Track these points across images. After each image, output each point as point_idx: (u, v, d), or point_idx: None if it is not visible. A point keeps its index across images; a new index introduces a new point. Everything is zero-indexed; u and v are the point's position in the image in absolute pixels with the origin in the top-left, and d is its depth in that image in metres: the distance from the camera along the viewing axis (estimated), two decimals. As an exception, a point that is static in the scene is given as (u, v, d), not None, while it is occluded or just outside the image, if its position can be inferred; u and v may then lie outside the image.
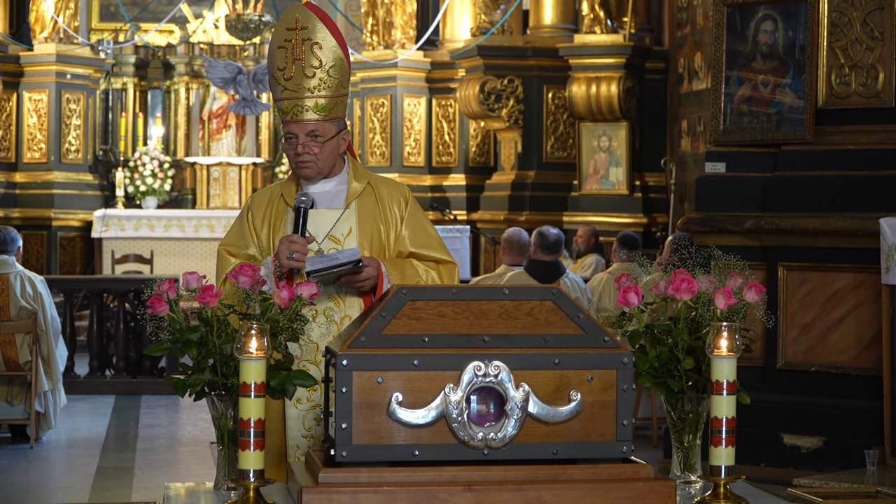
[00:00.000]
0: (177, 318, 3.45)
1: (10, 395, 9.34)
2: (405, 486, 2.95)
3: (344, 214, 4.20)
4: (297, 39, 4.13)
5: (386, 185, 4.32)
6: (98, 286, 12.29)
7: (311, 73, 4.12)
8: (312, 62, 4.12)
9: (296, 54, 4.12)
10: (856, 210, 7.80)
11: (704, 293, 3.57)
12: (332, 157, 4.19)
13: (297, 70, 4.12)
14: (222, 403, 3.45)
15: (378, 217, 4.23)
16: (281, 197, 4.25)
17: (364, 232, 4.20)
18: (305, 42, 4.12)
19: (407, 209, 4.27)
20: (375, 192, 4.26)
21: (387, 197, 4.26)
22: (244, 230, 4.25)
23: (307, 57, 4.12)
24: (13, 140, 16.62)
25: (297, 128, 4.14)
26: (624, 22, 15.40)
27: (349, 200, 4.22)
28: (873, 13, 7.90)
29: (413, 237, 4.26)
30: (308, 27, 4.12)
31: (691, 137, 14.57)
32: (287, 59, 4.13)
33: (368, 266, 4.05)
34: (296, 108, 4.13)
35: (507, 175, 16.19)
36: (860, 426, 7.60)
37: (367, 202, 4.24)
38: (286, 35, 4.14)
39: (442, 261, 4.27)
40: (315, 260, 3.97)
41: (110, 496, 7.56)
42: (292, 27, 4.14)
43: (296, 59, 4.12)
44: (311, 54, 4.12)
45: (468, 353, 3.03)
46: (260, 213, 4.25)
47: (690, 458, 3.59)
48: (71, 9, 16.53)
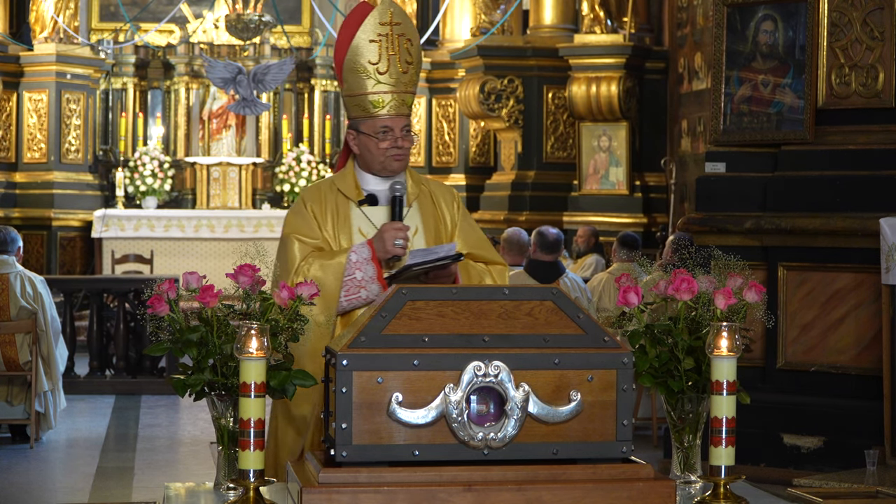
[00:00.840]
0: (177, 318, 3.45)
1: (10, 395, 9.34)
2: (405, 486, 2.95)
3: (409, 212, 4.25)
4: (392, 34, 4.16)
5: (438, 187, 4.40)
6: (98, 286, 12.29)
7: (405, 69, 4.17)
8: (407, 58, 4.18)
9: (391, 49, 4.15)
10: (856, 210, 7.80)
11: (704, 293, 3.57)
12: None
13: (393, 65, 4.15)
14: (222, 403, 3.45)
15: (437, 217, 4.30)
16: (338, 192, 4.26)
17: (428, 230, 4.26)
18: (400, 37, 4.16)
19: (459, 211, 4.36)
20: (431, 192, 4.33)
21: (441, 198, 4.34)
22: (308, 220, 4.24)
23: (402, 53, 4.16)
24: (13, 140, 16.62)
25: (393, 122, 4.18)
26: (624, 22, 15.41)
27: (410, 200, 4.27)
28: (873, 13, 7.90)
29: (466, 238, 4.32)
30: (402, 23, 4.18)
31: (691, 137, 14.57)
32: (381, 53, 4.15)
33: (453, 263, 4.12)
34: (395, 102, 4.17)
35: (507, 175, 16.19)
36: (860, 426, 7.59)
37: (425, 202, 4.31)
38: (380, 29, 4.16)
39: (492, 261, 4.34)
40: (416, 253, 4.03)
41: (110, 496, 7.56)
42: (386, 22, 4.17)
43: (391, 54, 4.15)
44: (406, 50, 4.17)
45: (468, 353, 3.03)
46: (318, 206, 4.25)
47: (690, 458, 3.59)
48: (71, 9, 16.53)
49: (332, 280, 4.03)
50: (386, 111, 4.16)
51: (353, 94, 4.21)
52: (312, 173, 17.23)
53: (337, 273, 4.06)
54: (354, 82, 4.19)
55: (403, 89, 4.18)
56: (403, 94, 4.18)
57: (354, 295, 4.10)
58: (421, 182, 4.33)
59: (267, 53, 17.25)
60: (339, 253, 4.13)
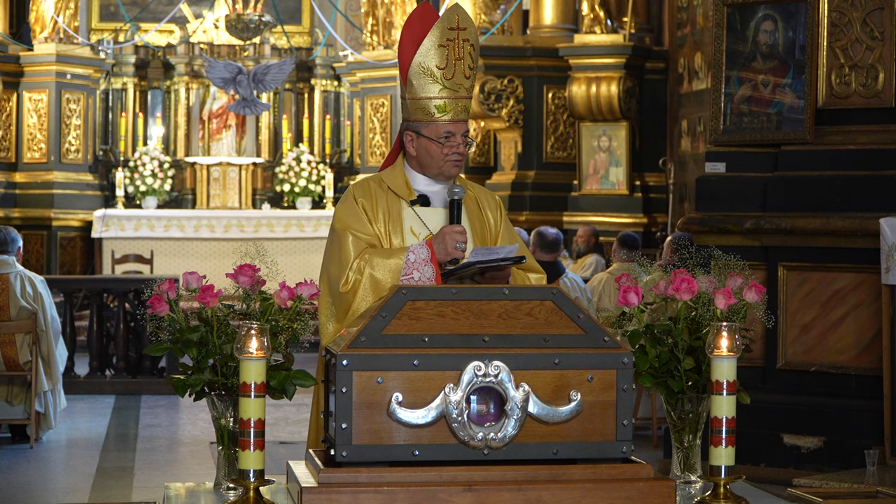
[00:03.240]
0: (177, 318, 3.45)
1: (10, 395, 9.34)
2: (405, 486, 2.95)
3: None
4: (459, 40, 4.17)
5: (482, 192, 4.43)
6: (98, 286, 12.29)
7: (468, 75, 4.20)
8: (471, 64, 4.20)
9: (458, 54, 4.17)
10: (856, 210, 7.79)
11: (704, 293, 3.58)
12: None
13: (459, 70, 4.17)
14: (222, 403, 3.45)
15: (482, 221, 4.33)
16: (389, 191, 4.26)
17: (475, 234, 4.28)
18: (465, 42, 4.18)
19: (502, 215, 4.39)
20: (476, 197, 4.36)
21: (485, 202, 4.37)
22: (360, 215, 4.24)
23: (467, 58, 4.18)
24: (13, 140, 16.62)
25: (456, 127, 4.20)
26: (624, 22, 15.41)
27: None
28: (873, 13, 7.89)
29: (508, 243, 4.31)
30: (467, 28, 4.19)
31: (691, 137, 14.57)
32: (449, 58, 4.16)
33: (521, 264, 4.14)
34: (458, 107, 4.19)
35: (507, 175, 16.19)
36: (860, 426, 7.59)
37: (470, 206, 4.33)
38: (448, 34, 4.17)
39: (532, 269, 4.34)
40: (479, 252, 4.05)
41: (110, 496, 7.56)
42: (454, 27, 4.18)
43: (458, 59, 4.17)
44: (470, 56, 4.20)
45: (468, 353, 3.03)
46: (369, 202, 4.25)
47: (690, 458, 3.59)
48: (71, 9, 16.53)
49: (390, 279, 4.03)
50: (449, 117, 4.19)
51: (417, 98, 4.22)
52: (312, 173, 17.22)
53: (394, 273, 4.06)
54: (420, 86, 4.20)
55: (466, 95, 4.21)
56: (466, 99, 4.21)
57: None
58: (467, 186, 4.35)
59: (267, 53, 17.25)
60: (396, 252, 4.13)
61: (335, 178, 17.26)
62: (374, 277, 4.02)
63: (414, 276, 4.07)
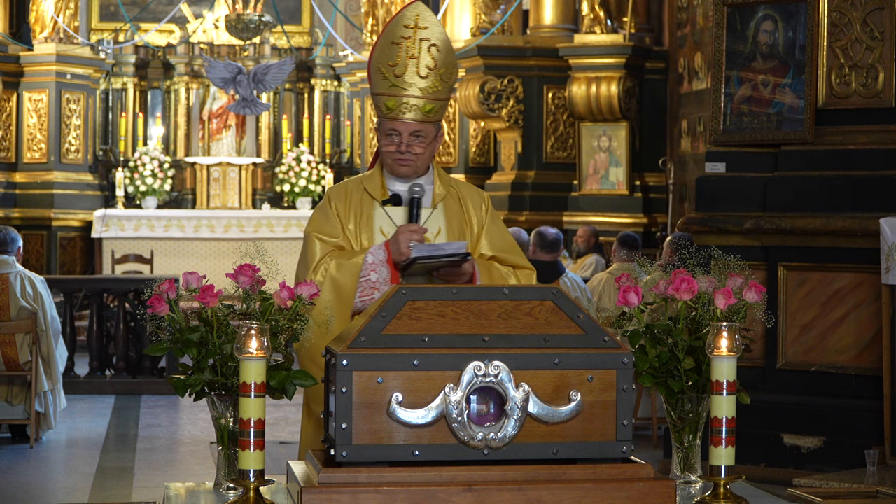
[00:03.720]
0: (177, 318, 3.45)
1: (10, 395, 9.34)
2: (405, 486, 2.95)
3: (433, 214, 4.24)
4: (414, 38, 4.11)
5: (467, 189, 4.37)
6: (98, 286, 12.29)
7: (424, 74, 4.12)
8: (428, 63, 4.12)
9: (412, 53, 4.11)
10: (856, 210, 7.79)
11: (704, 293, 3.57)
12: (427, 157, 4.23)
13: (411, 68, 4.11)
14: (222, 403, 3.45)
15: (462, 219, 4.28)
16: (364, 191, 4.25)
17: (452, 232, 4.24)
18: (423, 42, 4.11)
19: (487, 213, 4.32)
20: (459, 194, 4.31)
21: (469, 200, 4.32)
22: (331, 219, 4.24)
23: (423, 57, 4.11)
24: (13, 140, 16.62)
25: (401, 126, 4.14)
26: (624, 22, 15.40)
27: (435, 201, 4.25)
28: (873, 13, 7.90)
29: (493, 241, 4.30)
30: (428, 27, 4.12)
31: (691, 137, 14.57)
32: (401, 55, 4.11)
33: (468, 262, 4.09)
34: (404, 106, 4.12)
35: (507, 175, 16.19)
36: (860, 426, 7.59)
37: (451, 204, 4.28)
38: (404, 32, 4.12)
39: (520, 266, 4.30)
40: (422, 247, 4.01)
41: (110, 496, 7.56)
42: (411, 25, 4.13)
43: (411, 58, 4.11)
44: (428, 55, 4.12)
45: (468, 353, 3.03)
46: (343, 205, 4.24)
47: (690, 458, 3.59)
48: (71, 9, 16.53)
49: (349, 280, 4.02)
50: (395, 114, 4.13)
51: (374, 94, 4.22)
52: (312, 173, 17.23)
53: (353, 273, 4.05)
54: (375, 81, 4.20)
55: (420, 95, 4.12)
56: (420, 99, 4.13)
57: (369, 297, 4.08)
58: (450, 184, 4.31)
59: (267, 53, 17.25)
60: (358, 253, 4.12)
61: (335, 178, 17.26)
62: (334, 279, 4.00)
63: (371, 278, 4.05)
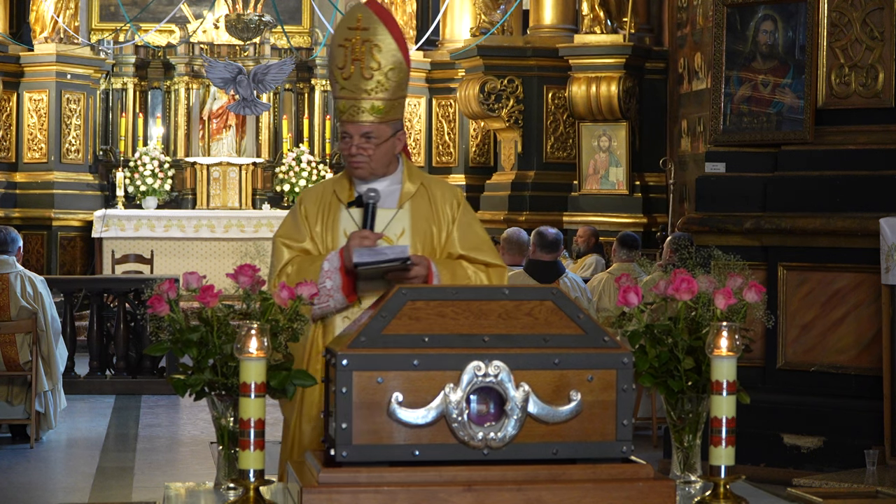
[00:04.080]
0: (177, 318, 3.45)
1: (10, 395, 9.34)
2: (405, 486, 2.95)
3: (397, 214, 4.21)
4: (357, 39, 4.10)
5: (439, 186, 4.32)
6: (98, 286, 12.29)
7: (368, 75, 4.10)
8: (371, 64, 4.10)
9: (355, 54, 4.10)
10: (856, 210, 7.80)
11: (704, 293, 3.57)
12: (387, 158, 4.19)
13: (356, 70, 4.10)
14: (222, 403, 3.45)
15: (431, 218, 4.24)
16: (333, 194, 4.24)
17: (417, 232, 4.21)
18: (366, 43, 4.10)
19: (459, 211, 4.28)
20: (429, 192, 4.27)
21: (440, 198, 4.27)
22: (299, 224, 4.23)
23: (366, 58, 4.09)
24: (13, 140, 16.62)
25: (352, 128, 4.13)
26: (624, 22, 15.41)
27: (402, 201, 4.22)
28: (873, 13, 7.90)
29: (463, 239, 4.26)
30: (369, 28, 4.10)
31: (691, 137, 14.57)
32: (346, 58, 4.11)
33: (419, 265, 4.05)
34: (352, 109, 4.12)
35: (507, 175, 16.19)
36: (860, 426, 7.59)
37: (420, 203, 4.24)
38: (347, 34, 4.12)
39: (491, 264, 4.26)
40: (363, 252, 3.98)
41: (110, 496, 7.56)
42: (353, 27, 4.12)
43: (355, 59, 4.10)
44: (371, 56, 4.10)
45: (468, 353, 3.02)
46: (313, 208, 4.24)
47: (690, 458, 3.59)
48: (71, 9, 16.53)
49: None
50: (347, 116, 4.13)
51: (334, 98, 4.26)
52: (312, 173, 17.22)
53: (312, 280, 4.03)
54: (331, 86, 4.26)
55: (365, 96, 4.11)
56: (367, 100, 4.11)
57: (324, 303, 4.07)
58: (421, 181, 4.28)
59: (267, 53, 17.24)
60: (318, 259, 4.12)
61: (335, 178, 17.25)
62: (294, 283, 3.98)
63: (326, 285, 4.04)
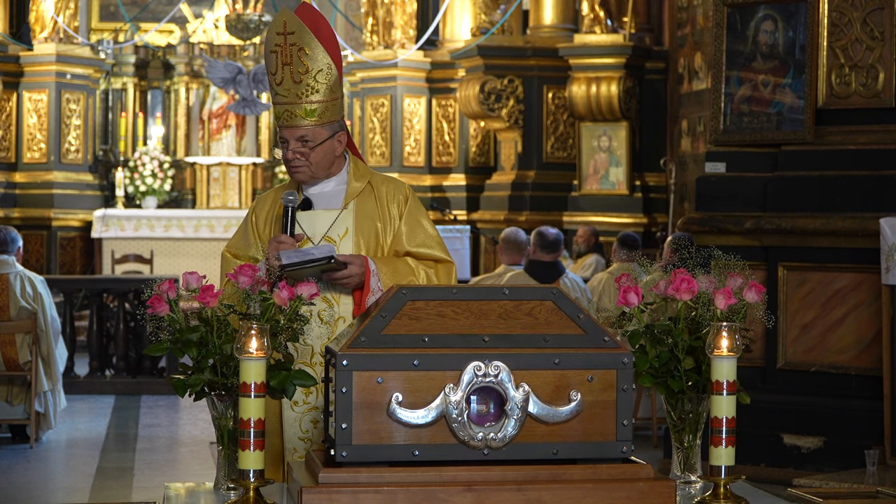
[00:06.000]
0: (177, 318, 3.45)
1: (10, 395, 9.34)
2: (405, 486, 2.95)
3: (341, 215, 4.19)
4: (285, 44, 4.10)
5: (386, 184, 4.29)
6: (98, 286, 12.29)
7: (298, 79, 4.09)
8: (300, 68, 4.10)
9: (285, 59, 4.10)
10: (856, 210, 7.80)
11: (704, 293, 3.57)
12: (326, 160, 4.18)
13: (287, 75, 4.10)
14: (222, 403, 3.45)
15: (376, 216, 4.22)
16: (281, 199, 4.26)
17: (361, 232, 4.19)
18: (293, 47, 4.09)
19: (406, 207, 4.24)
20: (375, 190, 4.24)
21: (386, 195, 4.24)
22: (248, 232, 4.26)
23: (295, 63, 4.10)
24: (13, 140, 16.62)
25: (288, 133, 4.14)
26: (624, 22, 15.40)
27: (347, 200, 4.21)
28: (873, 13, 7.90)
29: (410, 236, 4.23)
30: (295, 32, 4.09)
31: (691, 137, 14.57)
32: (277, 63, 4.12)
33: (353, 263, 4.03)
34: (286, 114, 4.12)
35: (507, 175, 16.19)
36: (860, 426, 7.60)
37: (365, 201, 4.23)
38: (276, 40, 4.12)
39: (440, 259, 4.24)
40: (290, 254, 3.96)
41: (110, 496, 7.56)
42: (281, 31, 4.11)
43: (285, 64, 4.10)
44: (299, 60, 4.10)
45: (468, 353, 3.02)
46: (263, 214, 4.27)
47: (690, 458, 3.59)
48: (71, 9, 16.53)
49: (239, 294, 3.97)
50: (282, 122, 4.14)
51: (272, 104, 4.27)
52: (312, 173, 17.23)
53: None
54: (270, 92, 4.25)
55: (297, 100, 4.10)
56: (299, 104, 4.10)
57: None
58: (368, 179, 4.26)
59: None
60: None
61: (335, 178, 17.25)
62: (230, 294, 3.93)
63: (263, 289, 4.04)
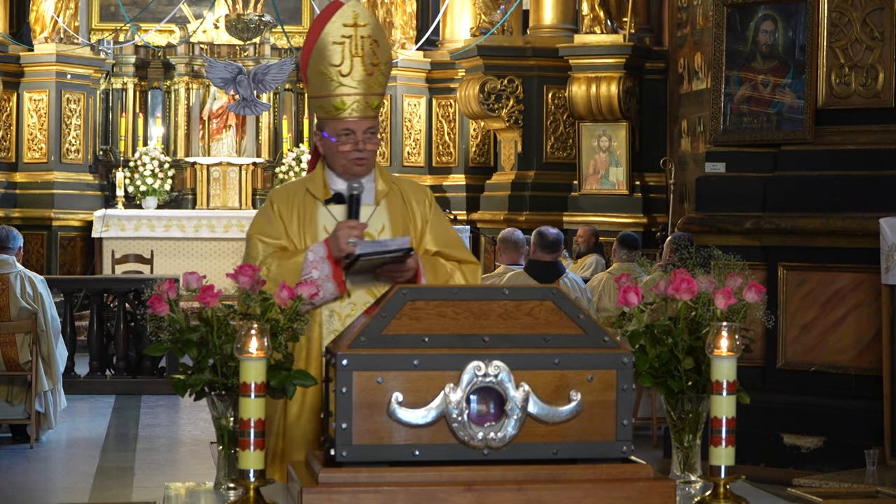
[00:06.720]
0: (177, 318, 3.45)
1: (10, 395, 9.34)
2: (405, 486, 2.95)
3: (376, 211, 4.23)
4: (356, 35, 4.12)
5: (409, 185, 4.37)
6: (98, 286, 12.29)
7: (370, 71, 4.12)
8: (373, 59, 4.13)
9: (355, 51, 4.11)
10: (856, 210, 7.80)
11: (704, 293, 3.57)
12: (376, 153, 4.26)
13: (357, 66, 4.11)
14: (222, 403, 3.45)
15: (406, 216, 4.27)
16: (307, 192, 4.24)
17: (396, 229, 4.23)
18: (365, 39, 4.11)
19: (431, 209, 4.31)
20: (401, 191, 4.30)
21: (412, 197, 4.31)
22: (273, 221, 4.23)
23: (367, 54, 4.11)
24: (13, 140, 16.62)
25: (354, 124, 4.14)
26: (624, 22, 15.40)
27: (378, 199, 4.24)
28: (873, 13, 7.90)
29: (437, 237, 4.29)
30: (367, 24, 4.13)
31: (691, 137, 14.57)
32: (345, 54, 4.11)
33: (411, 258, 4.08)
34: (356, 105, 4.13)
35: (507, 175, 16.19)
36: (860, 426, 7.59)
37: (394, 201, 4.27)
38: (343, 31, 4.12)
39: (465, 261, 4.29)
40: (367, 244, 4.00)
41: (110, 496, 7.56)
42: (350, 23, 4.12)
43: (355, 56, 4.11)
44: (371, 52, 4.12)
45: (468, 353, 3.03)
46: (285, 207, 4.24)
47: (690, 458, 3.59)
48: (71, 9, 16.53)
49: (290, 278, 3.98)
50: (348, 113, 4.13)
51: (317, 97, 4.20)
52: (312, 173, 17.22)
53: (294, 272, 4.03)
54: (318, 84, 4.18)
55: (367, 91, 4.13)
56: (368, 96, 4.13)
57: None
58: (392, 181, 4.31)
59: (267, 53, 17.24)
60: (298, 253, 4.12)
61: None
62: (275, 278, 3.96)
63: (313, 275, 4.04)
